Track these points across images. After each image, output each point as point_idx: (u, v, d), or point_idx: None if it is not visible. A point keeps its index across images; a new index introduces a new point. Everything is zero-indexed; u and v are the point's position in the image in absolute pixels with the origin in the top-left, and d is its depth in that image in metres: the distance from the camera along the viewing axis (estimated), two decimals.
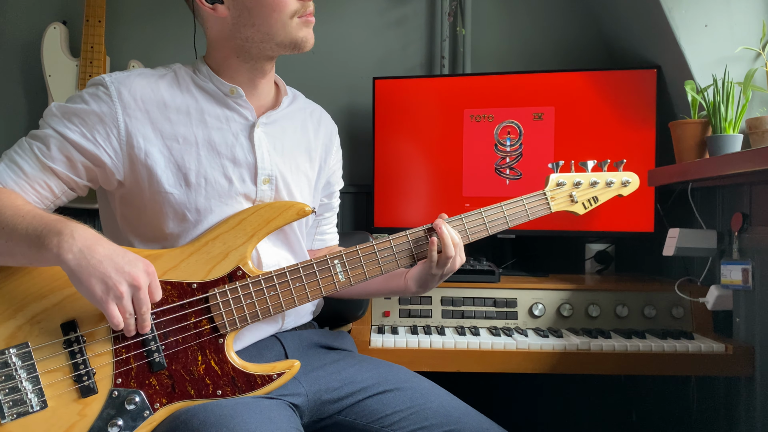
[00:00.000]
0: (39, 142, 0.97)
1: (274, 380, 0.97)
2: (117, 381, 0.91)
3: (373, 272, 1.05)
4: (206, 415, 0.88)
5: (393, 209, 1.90)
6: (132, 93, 1.01)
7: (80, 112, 0.98)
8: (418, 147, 1.89)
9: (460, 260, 1.08)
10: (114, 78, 1.01)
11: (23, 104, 2.13)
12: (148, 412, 0.91)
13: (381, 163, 1.90)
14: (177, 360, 0.94)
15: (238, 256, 0.98)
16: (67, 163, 0.98)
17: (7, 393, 0.86)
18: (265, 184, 1.07)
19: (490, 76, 1.87)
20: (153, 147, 1.00)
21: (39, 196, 0.98)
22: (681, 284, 1.51)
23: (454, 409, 1.06)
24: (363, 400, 1.06)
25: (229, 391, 0.95)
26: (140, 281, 0.86)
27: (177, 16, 2.15)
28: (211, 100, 1.06)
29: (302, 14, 1.03)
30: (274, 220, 1.02)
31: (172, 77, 1.06)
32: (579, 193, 1.17)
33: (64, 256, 0.84)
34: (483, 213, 1.11)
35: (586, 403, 1.93)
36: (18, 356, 0.88)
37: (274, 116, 1.11)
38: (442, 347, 1.36)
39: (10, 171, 0.96)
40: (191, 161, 1.02)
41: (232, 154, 1.05)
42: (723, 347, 1.35)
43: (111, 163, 1.00)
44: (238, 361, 0.97)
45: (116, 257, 0.86)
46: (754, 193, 1.39)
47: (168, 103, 1.03)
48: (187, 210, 1.01)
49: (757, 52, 1.57)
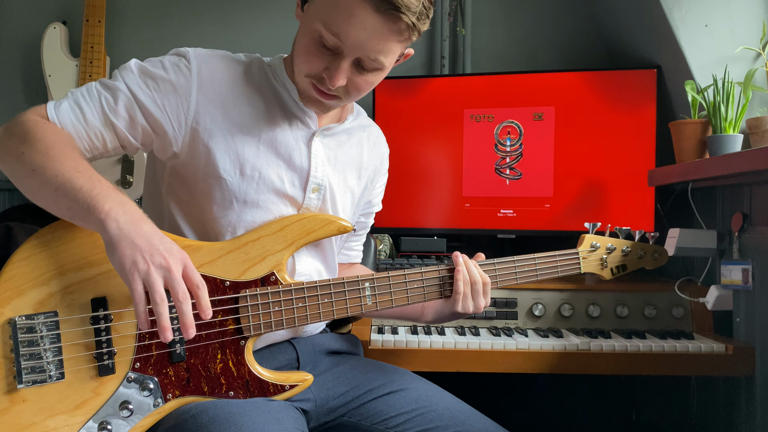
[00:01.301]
0: (108, 93, 0.96)
1: (286, 391, 0.98)
2: (135, 365, 0.91)
3: (400, 302, 1.05)
4: (216, 412, 0.88)
5: (393, 209, 1.90)
6: (211, 73, 1.00)
7: (157, 77, 0.98)
8: (418, 147, 1.89)
9: (484, 303, 1.09)
10: (197, 54, 1.01)
11: (23, 104, 2.13)
12: (159, 401, 0.91)
13: None
14: (197, 355, 0.94)
15: (274, 262, 0.99)
16: (129, 122, 0.97)
17: (27, 358, 0.86)
18: (313, 192, 1.07)
19: (490, 76, 1.87)
20: (218, 130, 1.00)
21: (91, 145, 0.96)
22: (681, 284, 1.51)
23: (459, 412, 1.06)
24: (368, 402, 1.06)
25: (242, 393, 0.95)
26: (170, 262, 0.82)
27: (177, 16, 2.15)
28: (281, 100, 1.05)
29: (316, 84, 0.98)
30: (315, 232, 1.02)
31: (250, 67, 1.05)
32: (610, 258, 1.23)
33: (108, 223, 0.82)
34: (515, 263, 1.14)
35: (586, 403, 1.93)
36: (45, 324, 0.87)
37: (334, 129, 1.10)
38: (442, 347, 1.36)
39: (72, 113, 0.95)
40: (250, 153, 1.02)
41: (289, 157, 1.04)
42: (723, 347, 1.35)
43: (172, 134, 0.99)
44: (255, 366, 0.97)
45: (154, 238, 0.84)
46: (754, 193, 1.39)
47: (242, 92, 1.02)
48: (235, 198, 1.01)
49: (757, 52, 1.58)
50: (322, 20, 0.91)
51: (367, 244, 1.53)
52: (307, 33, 0.95)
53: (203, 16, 2.15)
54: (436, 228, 1.89)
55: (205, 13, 2.15)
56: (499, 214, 1.84)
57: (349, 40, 0.91)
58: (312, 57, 0.95)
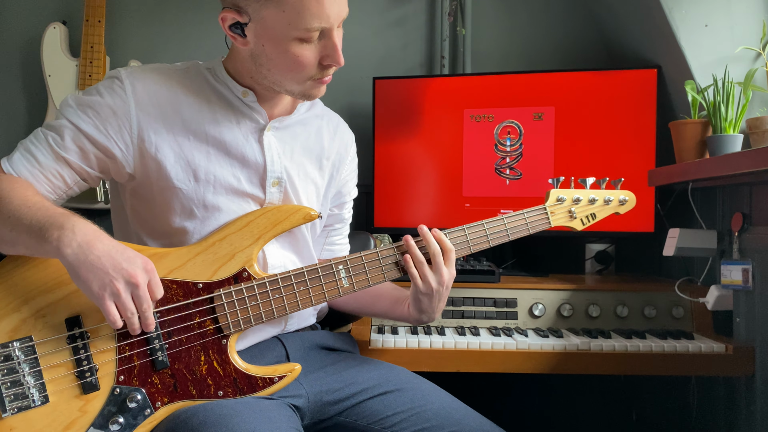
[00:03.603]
0: (54, 132, 0.98)
1: (276, 383, 0.97)
2: (119, 378, 0.91)
3: (376, 279, 1.05)
4: (206, 415, 0.88)
5: (393, 209, 1.90)
6: (146, 88, 1.01)
7: (95, 104, 0.99)
8: (418, 147, 1.89)
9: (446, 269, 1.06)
10: (129, 72, 1.02)
11: (23, 104, 2.13)
12: (149, 411, 0.91)
13: (381, 163, 1.90)
14: (180, 359, 0.94)
15: (244, 258, 0.99)
16: (80, 153, 0.99)
17: (9, 387, 0.86)
18: (273, 186, 1.07)
19: (490, 76, 1.87)
20: (163, 142, 1.01)
21: (51, 186, 0.98)
22: (681, 284, 1.51)
23: (454, 411, 1.06)
24: (364, 401, 1.06)
25: (231, 392, 0.95)
26: (138, 278, 0.86)
27: (177, 16, 2.15)
28: (224, 100, 1.06)
29: (318, 78, 1.01)
30: (281, 223, 1.02)
31: (187, 75, 1.06)
32: (578, 209, 1.20)
33: (63, 250, 0.84)
34: (485, 225, 1.12)
35: (586, 403, 1.93)
36: (21, 350, 0.88)
37: (287, 121, 1.10)
38: (442, 347, 1.35)
39: (25, 160, 0.97)
40: (201, 158, 1.02)
41: (241, 155, 1.05)
42: (723, 347, 1.35)
43: (121, 156, 1.00)
44: (240, 363, 0.97)
45: (115, 254, 0.86)
46: (754, 193, 1.39)
47: (181, 100, 1.03)
48: (194, 206, 1.02)
49: (757, 52, 1.57)
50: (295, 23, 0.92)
51: (367, 244, 1.52)
52: (282, 47, 0.95)
53: (203, 16, 2.15)
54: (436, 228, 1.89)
55: (205, 13, 2.15)
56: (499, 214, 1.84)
57: (331, 18, 0.94)
58: (305, 60, 0.97)
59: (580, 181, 1.22)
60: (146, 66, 1.05)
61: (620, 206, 1.24)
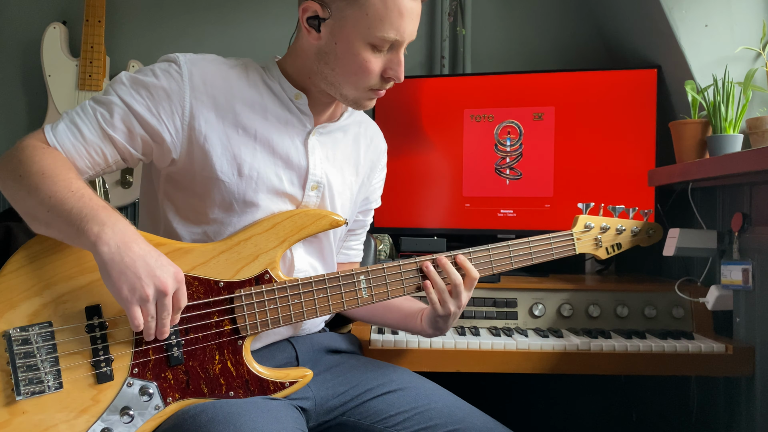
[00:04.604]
0: (103, 108, 0.97)
1: (287, 387, 0.98)
2: (133, 371, 0.91)
3: (396, 293, 1.04)
4: (214, 412, 0.89)
5: (393, 209, 1.90)
6: (202, 76, 1.01)
7: (149, 86, 0.98)
8: (418, 147, 1.89)
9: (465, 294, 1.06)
10: (188, 58, 1.01)
11: (23, 104, 2.13)
12: (160, 405, 0.92)
13: None
14: (195, 357, 0.94)
15: (267, 260, 0.99)
16: (127, 133, 0.97)
17: (24, 370, 0.86)
18: (312, 190, 1.07)
19: (490, 76, 1.87)
20: (213, 132, 1.00)
21: (92, 162, 0.97)
22: (681, 284, 1.51)
23: (458, 409, 1.06)
24: (367, 401, 1.06)
25: (242, 393, 0.96)
26: (167, 287, 0.85)
27: (177, 16, 2.15)
28: (275, 100, 1.06)
29: (376, 89, 1.03)
30: (307, 227, 1.02)
31: (242, 69, 1.06)
32: (604, 237, 1.22)
33: (100, 247, 0.83)
34: (510, 247, 1.12)
35: (586, 403, 1.93)
36: (40, 335, 0.88)
37: (330, 127, 1.11)
38: (442, 347, 1.35)
39: (70, 133, 0.95)
40: (247, 153, 1.02)
41: (286, 155, 1.05)
42: (723, 347, 1.35)
43: (170, 141, 0.99)
44: (254, 365, 0.97)
45: (149, 259, 0.85)
46: (754, 193, 1.39)
47: (235, 93, 1.03)
48: (234, 200, 1.01)
49: (757, 52, 1.57)
50: (374, 29, 0.95)
51: (367, 244, 1.53)
52: (354, 49, 0.97)
53: (203, 16, 2.15)
54: (436, 228, 1.89)
55: (205, 13, 2.15)
56: (499, 214, 1.84)
57: (405, 34, 0.98)
58: (371, 67, 0.99)
59: (609, 209, 1.22)
60: (204, 54, 1.05)
61: (647, 239, 1.26)
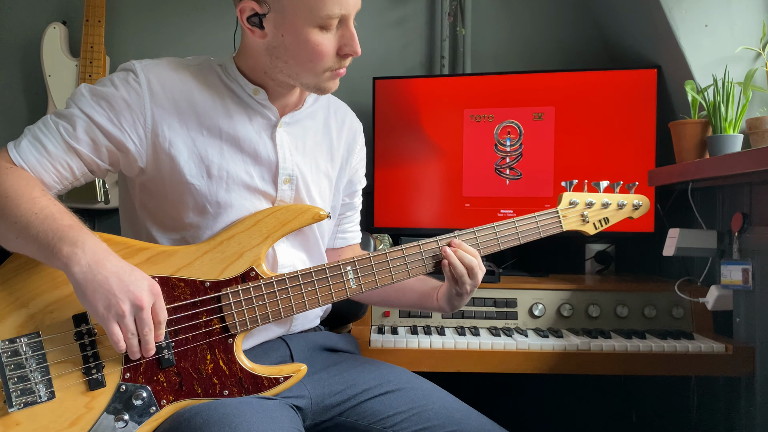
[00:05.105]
0: (65, 121, 0.96)
1: (281, 383, 0.97)
2: (125, 375, 0.91)
3: (384, 281, 1.04)
4: (209, 414, 0.88)
5: (393, 209, 1.90)
6: (161, 82, 1.00)
7: (109, 97, 0.98)
8: (418, 147, 1.89)
9: (480, 273, 1.07)
10: (143, 65, 1.01)
11: (23, 104, 2.13)
12: (154, 408, 0.91)
13: (381, 163, 1.90)
14: (186, 358, 0.94)
15: (252, 257, 0.99)
16: (91, 145, 0.97)
17: (15, 382, 0.86)
18: (285, 183, 1.07)
19: (490, 76, 1.87)
20: (177, 137, 1.00)
21: (59, 176, 0.97)
22: (681, 284, 1.51)
23: (455, 410, 1.06)
24: (365, 402, 1.06)
25: (236, 391, 0.95)
26: (143, 301, 0.85)
27: (177, 15, 2.15)
28: (235, 98, 1.05)
29: (335, 69, 1.01)
30: (290, 222, 1.02)
31: (201, 70, 1.05)
32: (591, 213, 1.19)
33: (72, 268, 0.83)
34: (495, 228, 1.11)
35: (586, 403, 1.93)
36: (29, 345, 0.88)
37: (296, 116, 1.10)
38: (442, 347, 1.36)
39: (33, 148, 0.94)
40: (214, 154, 1.02)
41: (254, 151, 1.04)
42: (723, 347, 1.35)
43: (135, 150, 0.99)
44: (246, 362, 0.97)
45: (123, 275, 0.85)
46: (754, 193, 1.39)
47: (195, 95, 1.02)
48: (207, 202, 1.01)
49: (757, 52, 1.57)
50: (317, 10, 0.93)
51: (367, 244, 1.52)
52: (302, 36, 0.96)
53: (203, 16, 2.15)
54: (436, 228, 1.89)
55: (205, 13, 2.15)
56: (499, 214, 1.84)
57: (350, 6, 0.96)
58: (324, 49, 0.97)
59: (593, 185, 1.20)
60: (160, 59, 1.04)
61: (634, 211, 1.22)
